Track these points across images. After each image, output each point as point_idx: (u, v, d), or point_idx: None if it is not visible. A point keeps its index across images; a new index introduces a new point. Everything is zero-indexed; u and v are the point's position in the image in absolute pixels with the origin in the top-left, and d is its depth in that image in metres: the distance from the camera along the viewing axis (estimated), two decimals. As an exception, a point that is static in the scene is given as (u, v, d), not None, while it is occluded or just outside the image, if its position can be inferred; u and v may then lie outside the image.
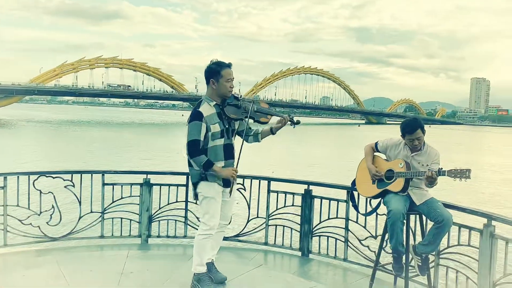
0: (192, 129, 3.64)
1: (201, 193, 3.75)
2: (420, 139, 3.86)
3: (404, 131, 3.90)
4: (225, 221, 3.98)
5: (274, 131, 3.84)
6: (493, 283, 3.59)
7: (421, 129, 3.85)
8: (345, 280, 4.47)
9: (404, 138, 3.94)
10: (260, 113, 3.81)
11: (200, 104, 3.76)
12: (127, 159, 26.53)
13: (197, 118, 3.66)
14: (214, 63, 3.77)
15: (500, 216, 3.66)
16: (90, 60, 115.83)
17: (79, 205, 5.04)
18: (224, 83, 3.70)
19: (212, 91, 3.75)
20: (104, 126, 67.93)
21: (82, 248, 4.98)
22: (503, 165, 32.65)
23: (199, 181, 3.74)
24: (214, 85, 3.71)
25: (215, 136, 3.70)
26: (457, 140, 68.71)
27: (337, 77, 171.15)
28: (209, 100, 3.75)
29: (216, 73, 3.71)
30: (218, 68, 3.71)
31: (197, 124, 3.64)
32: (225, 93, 3.74)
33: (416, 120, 3.94)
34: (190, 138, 3.63)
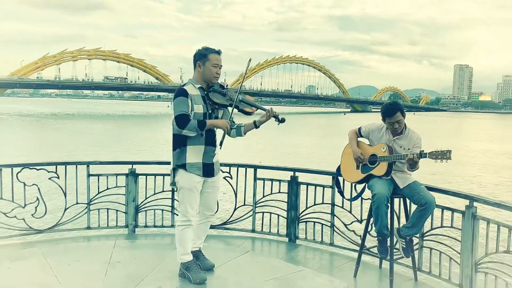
0: (178, 105, 3.56)
1: (178, 183, 3.70)
2: (400, 122, 3.91)
3: (384, 114, 3.95)
4: (210, 211, 3.95)
5: (258, 124, 3.77)
6: (475, 262, 3.67)
7: (401, 112, 3.90)
8: (331, 264, 4.54)
9: (384, 122, 3.99)
10: (245, 103, 3.77)
11: (184, 84, 3.72)
12: (111, 150, 26.29)
13: (183, 94, 3.60)
14: (203, 47, 3.74)
15: (481, 198, 3.75)
16: (73, 52, 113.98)
17: (64, 196, 5.00)
18: (210, 67, 3.65)
19: (197, 75, 3.71)
20: (88, 119, 67.12)
21: (68, 239, 4.95)
22: (485, 150, 33.21)
23: (178, 168, 3.67)
24: (200, 68, 3.67)
25: (198, 118, 3.61)
26: (441, 127, 69.62)
27: (322, 66, 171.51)
28: (194, 83, 3.71)
29: (203, 56, 3.67)
30: (206, 51, 3.68)
31: (183, 99, 3.58)
32: (210, 77, 3.68)
33: (395, 104, 4.00)
34: (177, 112, 3.54)
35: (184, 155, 3.66)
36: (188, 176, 3.67)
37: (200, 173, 3.70)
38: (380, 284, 4.04)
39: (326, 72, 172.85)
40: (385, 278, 4.03)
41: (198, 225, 3.95)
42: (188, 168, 3.66)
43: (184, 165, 3.66)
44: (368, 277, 4.15)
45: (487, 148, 34.95)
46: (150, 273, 3.80)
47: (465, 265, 3.73)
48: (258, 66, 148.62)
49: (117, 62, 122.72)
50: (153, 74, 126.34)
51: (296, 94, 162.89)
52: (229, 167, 5.14)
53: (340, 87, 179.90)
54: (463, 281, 3.75)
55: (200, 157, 3.68)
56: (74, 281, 3.65)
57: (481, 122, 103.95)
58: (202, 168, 3.70)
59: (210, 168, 3.75)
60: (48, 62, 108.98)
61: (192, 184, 3.68)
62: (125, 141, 32.00)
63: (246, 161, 5.41)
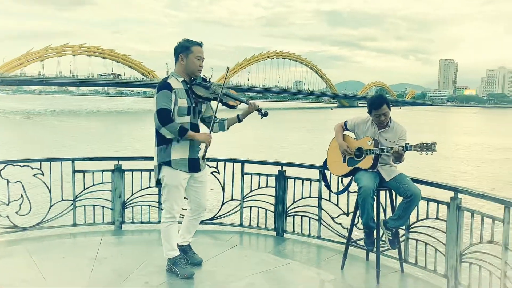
0: (161, 98, 3.47)
1: (164, 180, 3.64)
2: (386, 115, 3.94)
3: (371, 107, 3.97)
4: (200, 207, 3.91)
5: (241, 118, 3.76)
6: (460, 253, 3.72)
7: (387, 105, 3.93)
8: (319, 257, 4.56)
9: (371, 115, 4.01)
10: (229, 97, 3.74)
11: (167, 77, 3.64)
12: (97, 146, 26.01)
13: (166, 87, 3.52)
14: (185, 39, 3.68)
15: (465, 189, 3.79)
16: (57, 48, 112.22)
17: (49, 193, 4.95)
18: (193, 59, 3.60)
19: (180, 67, 3.64)
20: (72, 115, 66.17)
21: (54, 237, 4.90)
22: (469, 144, 33.67)
23: (163, 164, 3.60)
24: (182, 61, 3.61)
25: (182, 112, 3.56)
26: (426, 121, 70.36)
27: (309, 61, 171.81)
28: (177, 76, 3.64)
29: (186, 48, 3.60)
30: (188, 44, 3.62)
31: (167, 93, 3.50)
32: (193, 70, 3.63)
33: (382, 96, 4.03)
34: (159, 106, 3.46)
35: (169, 151, 3.59)
36: (174, 173, 3.61)
37: (186, 169, 3.65)
38: (367, 276, 4.08)
39: (313, 68, 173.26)
40: (372, 270, 4.07)
41: (190, 221, 3.96)
42: (174, 165, 3.60)
43: (169, 162, 3.59)
44: (355, 269, 4.19)
45: (471, 142, 35.43)
46: (137, 268, 3.79)
47: (450, 256, 3.78)
48: (245, 61, 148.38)
49: (102, 58, 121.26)
50: (139, 70, 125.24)
51: (283, 89, 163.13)
52: (216, 162, 5.13)
53: (327, 82, 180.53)
54: (448, 272, 3.79)
55: (186, 152, 3.63)
56: (59, 278, 3.62)
57: (465, 117, 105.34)
58: (188, 164, 3.65)
59: (196, 163, 3.71)
60: (31, 58, 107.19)
61: (177, 181, 3.64)
62: (110, 138, 31.70)
63: (233, 156, 5.40)
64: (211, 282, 3.65)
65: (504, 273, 3.35)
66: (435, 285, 3.91)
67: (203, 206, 3.92)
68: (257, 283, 3.63)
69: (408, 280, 4.04)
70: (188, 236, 3.98)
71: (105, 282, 3.54)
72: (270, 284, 3.64)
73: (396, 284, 3.96)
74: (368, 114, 4.05)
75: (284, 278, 3.77)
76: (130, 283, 3.54)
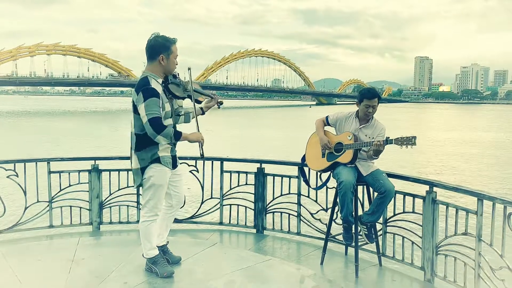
0: (150, 107, 3.36)
1: (150, 180, 3.55)
2: (374, 108, 4.03)
3: (364, 96, 4.03)
4: (180, 202, 3.89)
5: (205, 110, 3.81)
6: (436, 245, 3.81)
7: (378, 99, 4.04)
8: (299, 252, 4.59)
9: (360, 104, 4.06)
10: (198, 93, 3.73)
11: (148, 81, 3.47)
12: (72, 147, 25.52)
13: (154, 94, 3.40)
14: (160, 37, 3.51)
15: (440, 183, 3.88)
16: (30, 47, 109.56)
17: (24, 195, 4.84)
18: (173, 59, 3.54)
19: (158, 68, 3.52)
20: (46, 116, 64.68)
21: (30, 239, 4.79)
22: (444, 139, 34.38)
23: (150, 164, 3.54)
24: (163, 61, 3.49)
25: (166, 116, 3.54)
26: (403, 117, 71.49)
27: (287, 60, 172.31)
28: (156, 77, 3.52)
29: (167, 48, 3.49)
30: (168, 43, 3.50)
31: (156, 100, 3.39)
32: (171, 70, 3.59)
33: (375, 90, 4.13)
34: (151, 115, 3.34)
35: (155, 150, 3.53)
36: (162, 171, 3.58)
37: (170, 166, 3.66)
38: (346, 270, 4.13)
39: (292, 66, 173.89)
40: (350, 264, 4.12)
41: (168, 218, 3.90)
42: (163, 162, 3.58)
43: (158, 159, 3.54)
44: (334, 264, 4.23)
45: (445, 137, 36.18)
46: (116, 269, 3.74)
47: (426, 248, 3.86)
48: (223, 59, 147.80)
49: (77, 57, 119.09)
50: (115, 69, 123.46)
51: (262, 87, 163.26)
52: (195, 160, 5.10)
53: (306, 80, 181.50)
54: (425, 264, 3.88)
55: (169, 150, 3.63)
56: (36, 281, 3.55)
57: (440, 113, 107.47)
58: (171, 161, 3.67)
59: (175, 159, 3.75)
60: (3, 58, 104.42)
61: (165, 179, 3.63)
62: (86, 138, 31.13)
63: (212, 154, 5.37)
64: (191, 280, 3.64)
65: (478, 264, 3.44)
66: (412, 277, 3.99)
67: (182, 201, 3.92)
68: (237, 280, 3.64)
69: (386, 273, 4.10)
70: (165, 233, 3.95)
71: (83, 284, 3.49)
72: (250, 281, 3.65)
73: (375, 277, 4.02)
74: (358, 103, 4.10)
75: (264, 274, 3.79)
76: (109, 284, 3.49)
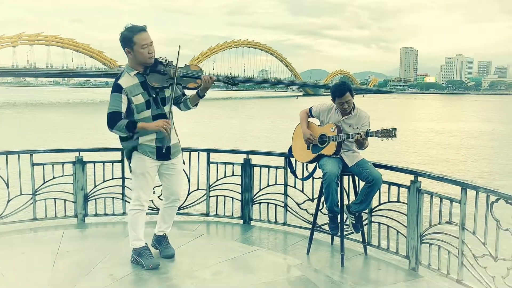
0: (111, 102, 3.42)
1: (132, 167, 3.61)
2: (349, 102, 3.99)
3: (334, 95, 4.01)
4: (174, 195, 3.85)
5: (201, 93, 3.63)
6: (420, 234, 3.85)
7: (350, 92, 3.98)
8: (285, 242, 4.61)
9: (334, 102, 4.06)
10: (188, 78, 3.56)
11: (120, 76, 3.51)
12: (56, 138, 25.20)
13: (116, 90, 3.43)
14: (126, 29, 3.43)
15: (425, 172, 3.92)
16: (12, 37, 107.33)
17: (6, 188, 4.76)
18: (140, 50, 3.39)
19: (130, 60, 3.50)
20: (29, 107, 63.58)
21: (13, 232, 4.71)
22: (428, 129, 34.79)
23: (132, 153, 3.59)
24: (130, 54, 3.45)
25: (140, 108, 3.48)
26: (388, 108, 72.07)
27: (274, 50, 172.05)
28: (130, 70, 3.50)
29: (128, 40, 3.40)
30: (130, 34, 3.39)
31: (117, 95, 3.42)
32: (144, 60, 3.46)
33: (345, 84, 4.07)
34: (109, 110, 3.41)
35: (136, 137, 3.54)
36: (140, 159, 3.57)
37: (154, 156, 3.59)
38: (332, 259, 4.16)
39: (278, 56, 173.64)
40: (336, 254, 4.15)
41: (164, 209, 3.93)
42: (140, 149, 3.55)
43: (136, 147, 3.55)
44: (320, 253, 4.26)
45: (430, 127, 36.61)
46: (101, 261, 3.71)
47: (411, 237, 3.91)
48: (210, 50, 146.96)
49: (61, 47, 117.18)
50: (100, 60, 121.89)
51: (249, 78, 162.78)
52: (181, 152, 5.06)
53: (292, 71, 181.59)
54: (410, 253, 3.93)
55: (153, 140, 3.57)
56: (20, 274, 3.50)
57: (425, 103, 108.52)
58: (155, 152, 3.59)
59: (162, 151, 3.62)
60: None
61: (144, 168, 3.58)
62: (70, 130, 30.72)
63: (198, 146, 5.34)
64: (177, 271, 3.63)
65: (462, 252, 3.50)
66: (397, 266, 4.04)
67: (175, 194, 3.86)
68: (223, 271, 3.64)
69: (372, 262, 4.15)
70: (164, 225, 3.95)
71: (68, 276, 3.45)
72: (237, 271, 3.65)
73: (360, 266, 4.06)
74: (332, 101, 4.09)
75: (251, 265, 3.79)
76: (94, 276, 3.47)
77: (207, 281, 3.46)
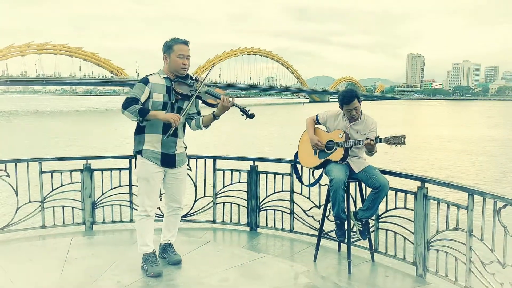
0: (134, 89, 3.59)
1: (136, 169, 3.72)
2: (357, 109, 4.01)
3: (342, 102, 4.02)
4: (176, 203, 3.90)
5: (216, 114, 3.68)
6: (428, 240, 3.84)
7: (358, 99, 3.99)
8: (292, 249, 4.61)
9: (342, 109, 4.07)
10: (210, 95, 3.71)
11: (151, 74, 3.73)
12: (64, 146, 25.36)
13: (142, 81, 3.64)
14: (171, 39, 3.70)
15: (431, 179, 3.91)
16: (21, 47, 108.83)
17: (15, 195, 4.81)
18: (175, 58, 3.62)
19: (165, 66, 3.71)
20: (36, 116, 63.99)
21: (22, 239, 4.77)
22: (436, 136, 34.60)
23: (136, 155, 3.70)
24: (166, 60, 3.67)
25: (156, 106, 3.60)
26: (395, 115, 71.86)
27: (280, 57, 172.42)
28: (161, 73, 3.72)
29: (168, 47, 3.65)
30: (172, 42, 3.65)
31: (141, 85, 3.61)
32: (176, 69, 3.66)
33: (352, 91, 4.08)
34: (129, 95, 3.57)
35: (142, 141, 3.66)
36: (144, 164, 3.65)
37: (158, 162, 3.66)
38: (339, 266, 4.15)
39: (284, 64, 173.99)
40: (343, 261, 4.14)
41: (166, 217, 3.98)
42: (144, 154, 3.64)
43: (140, 151, 3.66)
44: (327, 261, 4.25)
45: (437, 134, 36.39)
46: (109, 268, 3.73)
47: (418, 244, 3.89)
48: (216, 58, 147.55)
49: (69, 56, 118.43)
50: (107, 68, 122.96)
51: (255, 86, 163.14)
52: (188, 159, 5.08)
53: (298, 78, 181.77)
54: (417, 259, 3.91)
55: (158, 146, 3.65)
56: (28, 280, 3.53)
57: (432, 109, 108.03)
58: (160, 158, 3.65)
59: (170, 158, 3.71)
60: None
61: (147, 173, 3.64)
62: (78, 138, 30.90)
63: (205, 153, 5.37)
64: (184, 278, 3.64)
65: (469, 258, 3.48)
66: (404, 273, 4.02)
67: (177, 201, 3.92)
68: (230, 277, 3.64)
69: (379, 269, 4.13)
70: (168, 234, 4.00)
71: (75, 283, 3.47)
72: (244, 278, 3.65)
73: (367, 273, 4.04)
74: (340, 108, 4.11)
75: (258, 271, 3.79)
76: (102, 283, 3.49)
77: (214, 287, 3.47)
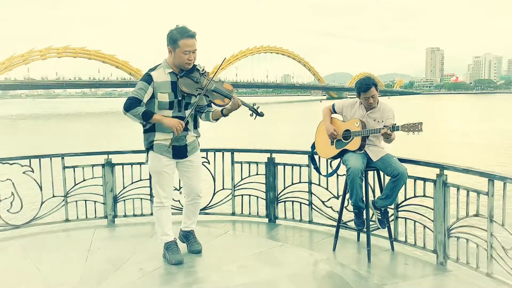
0: (136, 88, 3.46)
1: (148, 163, 3.72)
2: (374, 97, 3.99)
3: (359, 90, 4.01)
4: (192, 192, 3.89)
5: (225, 113, 3.62)
6: (448, 228, 3.80)
7: (375, 87, 3.98)
8: (311, 240, 4.62)
9: (359, 98, 4.06)
10: (218, 94, 3.55)
11: (155, 68, 3.56)
12: (85, 143, 25.81)
13: (145, 79, 3.46)
14: (177, 28, 3.47)
15: (450, 165, 3.86)
16: (41, 51, 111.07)
17: (40, 190, 4.94)
18: (180, 54, 3.43)
19: (170, 59, 3.54)
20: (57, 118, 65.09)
21: (47, 232, 4.89)
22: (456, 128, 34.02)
23: (148, 149, 3.68)
24: (171, 53, 3.50)
25: (162, 106, 3.51)
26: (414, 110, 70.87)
27: (296, 55, 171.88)
28: (166, 67, 3.55)
29: (173, 41, 3.44)
30: (178, 36, 3.42)
31: (144, 84, 3.45)
32: (181, 64, 3.50)
33: (370, 79, 4.06)
34: (131, 94, 3.44)
35: (152, 135, 3.61)
36: (156, 158, 3.63)
37: (170, 155, 3.64)
38: (358, 255, 4.15)
39: (301, 61, 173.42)
40: (363, 250, 4.13)
41: (186, 206, 4.01)
42: (155, 148, 3.62)
43: (152, 146, 3.62)
44: (346, 250, 4.25)
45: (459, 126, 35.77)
46: (131, 257, 3.83)
47: (438, 232, 3.86)
48: (232, 56, 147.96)
49: (87, 59, 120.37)
50: (126, 70, 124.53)
51: (272, 84, 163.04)
52: (206, 152, 5.15)
53: (315, 75, 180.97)
54: (437, 247, 3.88)
55: (169, 139, 3.59)
56: (54, 268, 3.65)
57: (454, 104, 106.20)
58: (171, 151, 3.63)
59: (181, 150, 3.69)
60: (15, 62, 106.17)
61: (159, 167, 3.64)
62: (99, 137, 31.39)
63: (223, 146, 5.43)
64: (204, 266, 3.70)
65: (490, 245, 3.44)
66: (425, 261, 3.99)
67: (195, 191, 3.91)
68: (250, 264, 3.69)
69: (399, 258, 4.11)
70: (188, 221, 4.03)
71: (99, 271, 3.57)
72: (263, 265, 3.69)
73: (387, 261, 4.03)
74: (357, 97, 4.10)
75: (277, 258, 3.83)
76: (125, 271, 3.57)
77: (234, 274, 3.52)
